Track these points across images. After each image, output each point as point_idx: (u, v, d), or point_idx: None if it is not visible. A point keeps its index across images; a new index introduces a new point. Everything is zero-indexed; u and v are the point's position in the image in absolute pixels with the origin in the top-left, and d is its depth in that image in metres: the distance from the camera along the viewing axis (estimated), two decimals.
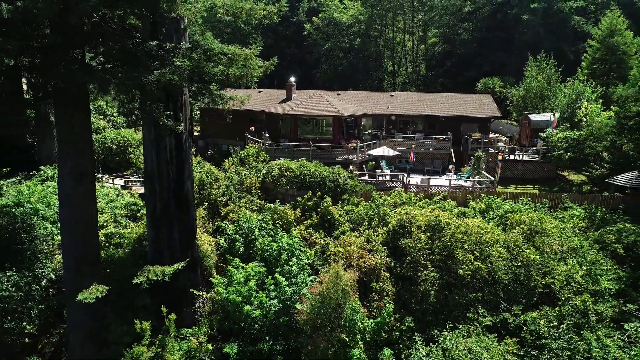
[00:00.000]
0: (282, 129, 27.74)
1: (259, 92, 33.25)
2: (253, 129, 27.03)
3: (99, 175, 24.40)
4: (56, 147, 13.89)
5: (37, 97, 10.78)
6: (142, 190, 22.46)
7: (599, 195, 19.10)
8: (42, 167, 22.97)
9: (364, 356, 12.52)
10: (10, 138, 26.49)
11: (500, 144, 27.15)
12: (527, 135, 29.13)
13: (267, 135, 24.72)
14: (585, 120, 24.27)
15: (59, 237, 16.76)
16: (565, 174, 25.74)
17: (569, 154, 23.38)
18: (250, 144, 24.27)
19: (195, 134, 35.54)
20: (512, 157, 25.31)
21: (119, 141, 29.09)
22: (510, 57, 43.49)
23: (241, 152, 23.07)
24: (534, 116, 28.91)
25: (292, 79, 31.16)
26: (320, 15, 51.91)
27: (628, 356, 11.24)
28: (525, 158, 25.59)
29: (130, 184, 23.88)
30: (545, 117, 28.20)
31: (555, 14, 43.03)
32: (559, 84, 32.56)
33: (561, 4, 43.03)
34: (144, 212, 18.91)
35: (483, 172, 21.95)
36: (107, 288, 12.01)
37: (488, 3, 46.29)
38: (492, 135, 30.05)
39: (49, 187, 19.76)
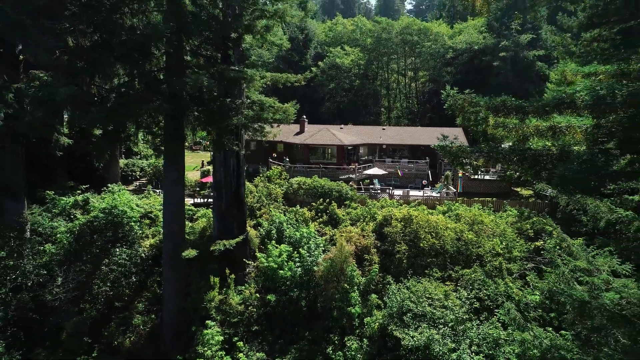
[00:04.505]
0: (298, 155, 35.31)
1: (278, 125, 41.05)
2: (275, 155, 34.62)
3: (157, 191, 31.62)
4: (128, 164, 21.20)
5: (165, 135, 18.19)
6: (192, 202, 29.65)
7: (531, 202, 26.24)
8: (109, 185, 29.98)
9: (359, 298, 19.38)
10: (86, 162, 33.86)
11: (467, 166, 34.38)
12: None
13: (287, 159, 32.25)
14: None
15: (141, 231, 23.79)
16: (518, 189, 32.93)
17: (517, 173, 30.55)
18: (274, 167, 31.71)
19: None
20: (475, 176, 32.54)
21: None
22: (485, 96, 51.32)
23: (267, 172, 30.43)
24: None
25: (304, 117, 39.08)
26: (325, 60, 60.60)
27: (522, 293, 18.13)
28: (487, 177, 32.86)
29: None
30: (505, 146, 35.58)
31: (521, 60, 51.38)
32: None
33: (526, 53, 51.54)
34: (199, 214, 26.07)
35: (450, 186, 29.17)
36: (197, 252, 19.05)
37: (466, 51, 54.79)
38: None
39: (115, 198, 25.95)
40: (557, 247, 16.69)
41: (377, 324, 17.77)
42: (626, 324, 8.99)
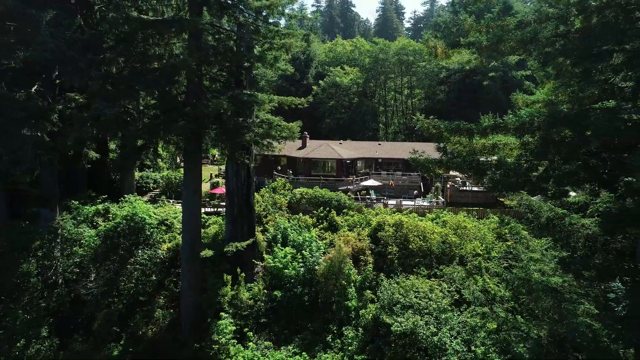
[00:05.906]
0: (300, 168, 38.20)
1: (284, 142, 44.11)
2: (279, 168, 37.49)
3: (171, 201, 34.33)
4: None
5: (186, 150, 21.04)
6: (203, 210, 32.26)
7: (511, 210, 28.87)
8: (125, 196, 32.53)
9: (355, 294, 21.93)
10: (105, 174, 36.49)
11: (457, 179, 37.23)
12: None
13: (290, 172, 35.12)
14: None
15: (159, 236, 26.35)
16: (503, 199, 35.54)
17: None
18: (279, 179, 34.51)
19: None
20: (464, 187, 35.26)
21: (175, 177, 39.46)
22: (477, 113, 54.31)
23: (272, 184, 33.20)
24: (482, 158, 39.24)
25: (306, 133, 42.10)
26: (325, 79, 64.06)
27: (498, 288, 20.67)
28: (475, 188, 35.57)
29: None
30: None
31: (510, 80, 54.74)
32: None
33: (514, 73, 54.91)
34: (211, 222, 28.70)
35: (440, 196, 31.89)
36: (212, 252, 21.69)
37: (459, 71, 58.23)
38: (452, 172, 40.27)
39: (135, 207, 28.62)
40: (522, 245, 19.36)
41: (371, 315, 20.28)
42: (557, 295, 11.64)
